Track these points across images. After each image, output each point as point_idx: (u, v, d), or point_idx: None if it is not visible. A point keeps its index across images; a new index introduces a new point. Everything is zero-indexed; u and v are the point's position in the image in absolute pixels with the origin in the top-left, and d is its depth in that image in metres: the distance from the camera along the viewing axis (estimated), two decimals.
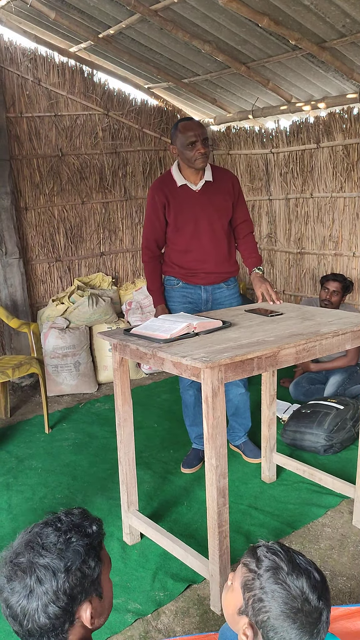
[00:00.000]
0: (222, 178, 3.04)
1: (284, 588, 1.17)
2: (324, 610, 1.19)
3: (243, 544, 2.53)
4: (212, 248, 3.03)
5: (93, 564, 1.22)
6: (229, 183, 3.05)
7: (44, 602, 1.14)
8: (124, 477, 2.55)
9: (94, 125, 5.06)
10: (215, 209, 3.01)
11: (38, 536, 1.21)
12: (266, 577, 1.19)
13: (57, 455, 3.47)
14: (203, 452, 3.25)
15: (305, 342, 2.15)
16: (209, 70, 4.57)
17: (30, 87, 4.69)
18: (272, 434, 3.00)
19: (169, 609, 2.18)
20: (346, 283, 4.07)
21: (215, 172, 3.04)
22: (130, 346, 2.23)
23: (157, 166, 5.49)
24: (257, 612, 1.19)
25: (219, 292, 3.13)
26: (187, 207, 3.00)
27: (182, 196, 3.00)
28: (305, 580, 1.19)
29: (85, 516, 1.28)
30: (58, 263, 5.04)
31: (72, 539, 1.20)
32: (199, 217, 3.00)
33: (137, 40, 4.29)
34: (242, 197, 3.14)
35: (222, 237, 3.06)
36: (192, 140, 2.83)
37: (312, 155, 4.84)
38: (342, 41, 3.54)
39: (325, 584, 1.22)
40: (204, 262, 3.05)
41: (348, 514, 2.71)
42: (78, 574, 1.18)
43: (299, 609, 1.16)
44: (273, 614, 1.16)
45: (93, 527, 1.26)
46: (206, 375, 1.93)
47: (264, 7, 3.30)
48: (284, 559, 1.22)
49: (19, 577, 1.16)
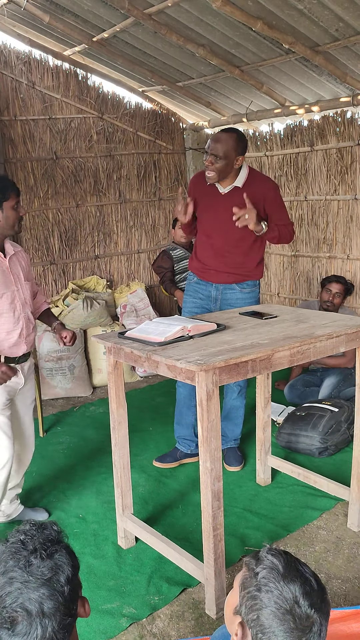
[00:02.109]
0: (256, 185, 2.99)
1: (277, 587, 1.17)
2: (316, 621, 1.16)
3: (238, 547, 2.52)
4: (226, 250, 3.04)
5: (76, 562, 1.21)
6: (259, 193, 2.96)
7: (58, 620, 1.09)
8: (118, 480, 2.54)
9: (89, 129, 5.06)
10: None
11: (17, 568, 1.11)
12: (261, 575, 1.20)
13: (52, 459, 3.46)
14: (182, 452, 3.30)
15: (299, 345, 2.16)
16: (203, 73, 4.58)
17: (24, 90, 4.69)
18: (267, 436, 3.00)
19: (164, 613, 2.17)
20: (348, 285, 4.12)
21: (250, 179, 3.00)
22: (125, 349, 2.22)
23: (152, 169, 5.50)
24: (248, 610, 1.19)
25: (231, 293, 3.12)
26: (210, 206, 3.05)
27: (209, 195, 3.04)
28: (299, 584, 1.18)
29: (40, 525, 1.22)
30: (52, 266, 5.03)
31: (51, 551, 1.15)
32: (219, 219, 3.01)
33: (131, 43, 4.29)
34: (279, 208, 3.06)
35: (240, 242, 3.03)
36: (205, 150, 2.93)
37: (306, 159, 4.86)
38: (336, 45, 3.55)
39: (322, 595, 1.20)
40: (217, 260, 3.07)
41: (343, 517, 2.71)
42: (74, 578, 1.17)
43: (287, 610, 1.15)
44: (263, 613, 1.16)
45: (54, 528, 1.22)
46: (200, 378, 1.93)
47: (257, 10, 3.31)
48: (283, 562, 1.21)
49: (20, 618, 1.07)
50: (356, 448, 2.54)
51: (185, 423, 3.27)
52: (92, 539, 2.65)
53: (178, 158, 5.69)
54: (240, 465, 3.23)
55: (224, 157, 2.86)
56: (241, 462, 3.25)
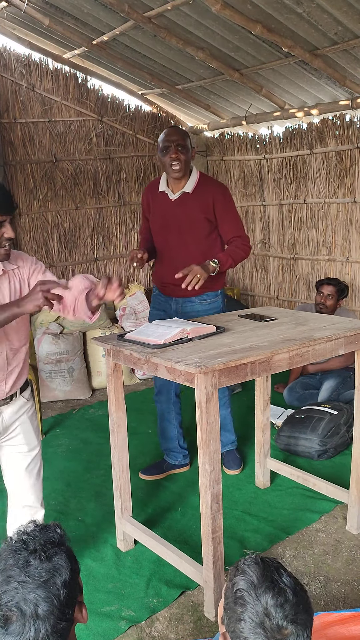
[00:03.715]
0: (204, 191, 2.89)
1: (250, 600, 1.15)
2: (292, 633, 1.13)
3: (237, 550, 2.52)
4: (180, 262, 2.82)
5: (76, 566, 1.20)
6: (209, 197, 2.88)
7: (52, 623, 1.09)
8: (117, 483, 2.54)
9: (88, 131, 5.07)
10: (188, 222, 2.90)
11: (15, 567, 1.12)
12: (237, 587, 1.19)
13: (51, 462, 3.46)
14: (168, 464, 3.24)
15: (298, 347, 2.16)
16: (203, 76, 4.59)
17: (24, 93, 4.69)
18: (266, 439, 3.00)
19: (163, 616, 2.17)
20: (340, 287, 4.10)
21: (200, 183, 2.91)
22: (124, 352, 2.22)
23: (151, 172, 5.50)
24: (229, 621, 1.18)
25: (190, 306, 3.02)
26: (161, 215, 2.97)
27: (160, 203, 2.97)
28: (272, 596, 1.15)
29: (44, 527, 1.22)
30: (52, 268, 5.03)
31: (50, 553, 1.15)
32: (170, 228, 2.93)
33: (130, 46, 4.30)
34: (229, 213, 2.93)
35: (194, 251, 2.89)
36: (166, 145, 2.83)
37: (305, 161, 4.87)
38: (335, 49, 3.57)
39: (299, 607, 1.17)
40: (172, 274, 2.80)
41: (342, 519, 2.71)
42: (72, 582, 1.17)
43: (258, 623, 1.13)
44: (238, 626, 1.15)
45: (57, 530, 1.22)
46: (200, 381, 1.93)
47: (257, 14, 3.32)
48: (257, 572, 1.19)
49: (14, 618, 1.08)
50: (355, 451, 2.54)
51: (169, 437, 3.22)
52: (91, 541, 2.64)
53: None
54: (239, 468, 3.22)
55: (185, 148, 2.84)
56: (240, 464, 3.25)
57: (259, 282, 5.59)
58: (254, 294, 5.66)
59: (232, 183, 5.58)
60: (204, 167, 5.78)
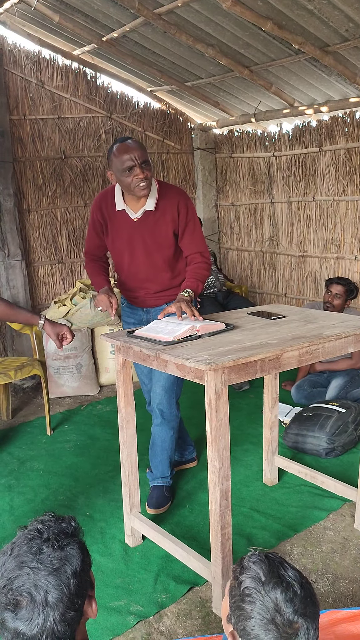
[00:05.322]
0: (167, 204, 2.65)
1: (259, 597, 1.16)
2: (302, 626, 1.15)
3: (245, 547, 2.53)
4: (148, 278, 2.77)
5: (88, 559, 1.22)
6: (173, 210, 2.65)
7: (61, 612, 1.10)
8: (126, 479, 2.55)
9: (97, 128, 5.07)
10: (154, 241, 2.70)
11: (29, 554, 1.14)
12: (244, 585, 1.19)
13: (59, 457, 3.47)
14: (167, 489, 2.94)
15: (308, 345, 2.16)
16: (212, 73, 4.58)
17: (33, 89, 4.70)
18: (274, 436, 3.00)
19: (171, 611, 2.18)
20: (350, 287, 4.08)
21: (161, 196, 2.65)
22: (134, 348, 2.23)
23: (160, 169, 5.50)
24: (237, 620, 1.18)
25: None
26: (123, 235, 2.71)
27: (119, 222, 2.70)
28: (281, 591, 1.16)
29: (59, 518, 1.26)
30: (60, 265, 5.05)
31: (63, 543, 1.18)
32: (135, 248, 2.71)
33: (140, 43, 4.30)
34: (192, 225, 2.72)
35: (162, 268, 2.77)
36: (128, 164, 2.45)
37: (314, 159, 4.85)
38: (345, 45, 3.55)
39: (307, 600, 1.19)
40: (141, 288, 2.80)
41: (350, 517, 2.71)
42: (82, 573, 1.18)
43: (269, 620, 1.14)
44: (248, 624, 1.16)
45: (72, 523, 1.26)
46: (209, 378, 1.93)
47: (267, 11, 3.31)
48: (264, 569, 1.20)
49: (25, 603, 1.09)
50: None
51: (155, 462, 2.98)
52: (100, 537, 2.66)
53: (186, 158, 5.70)
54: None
55: (149, 163, 2.51)
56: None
57: (267, 279, 5.58)
58: (262, 292, 5.65)
59: (240, 180, 5.57)
60: (213, 165, 5.78)
